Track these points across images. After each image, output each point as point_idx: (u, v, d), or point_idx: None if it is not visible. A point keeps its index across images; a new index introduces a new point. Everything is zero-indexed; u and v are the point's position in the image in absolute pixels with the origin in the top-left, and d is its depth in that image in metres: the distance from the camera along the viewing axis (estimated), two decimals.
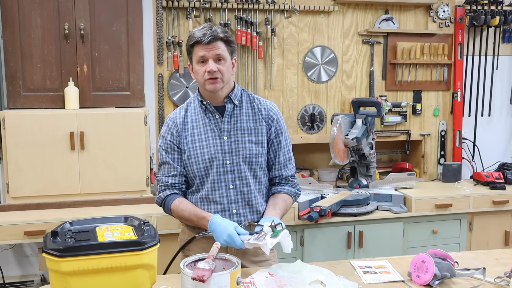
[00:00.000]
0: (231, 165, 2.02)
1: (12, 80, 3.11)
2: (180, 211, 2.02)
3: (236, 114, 2.05)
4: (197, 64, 1.97)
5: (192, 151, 2.03)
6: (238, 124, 2.04)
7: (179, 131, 2.06)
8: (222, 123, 2.03)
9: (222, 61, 1.96)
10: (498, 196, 3.55)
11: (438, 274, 1.78)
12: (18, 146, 3.04)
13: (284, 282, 1.65)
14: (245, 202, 2.04)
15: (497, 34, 4.12)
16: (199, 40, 1.93)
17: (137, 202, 3.14)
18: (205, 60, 1.94)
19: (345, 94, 3.94)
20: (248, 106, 2.08)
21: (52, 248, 1.54)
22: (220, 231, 1.83)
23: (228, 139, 2.02)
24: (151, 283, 1.67)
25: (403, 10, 3.97)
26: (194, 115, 2.07)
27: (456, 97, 4.05)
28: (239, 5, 3.60)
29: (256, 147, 2.04)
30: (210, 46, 1.93)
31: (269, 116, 2.08)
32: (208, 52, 1.93)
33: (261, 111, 2.08)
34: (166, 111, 3.63)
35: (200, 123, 2.04)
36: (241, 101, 2.07)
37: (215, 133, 2.03)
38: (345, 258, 2.86)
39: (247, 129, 2.04)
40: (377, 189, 3.52)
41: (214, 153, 2.01)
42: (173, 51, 3.56)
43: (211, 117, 2.04)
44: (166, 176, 2.08)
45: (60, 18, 3.12)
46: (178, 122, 2.07)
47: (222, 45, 1.95)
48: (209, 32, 1.92)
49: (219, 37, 1.94)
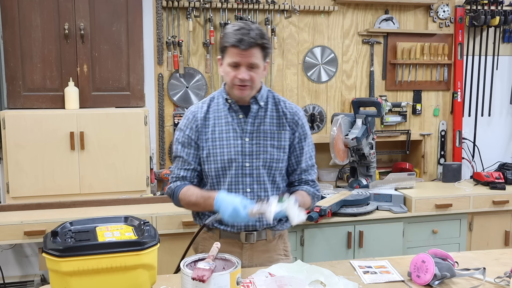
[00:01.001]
0: (250, 168, 1.96)
1: (12, 80, 3.11)
2: (187, 197, 1.96)
3: (260, 116, 1.98)
4: (229, 66, 1.89)
5: (211, 150, 1.96)
6: (262, 127, 1.98)
7: (199, 126, 1.98)
8: (245, 123, 1.97)
9: (255, 69, 1.88)
10: (498, 196, 3.55)
11: (438, 274, 1.78)
12: (18, 146, 3.04)
13: (284, 282, 1.65)
14: None
15: (497, 34, 4.12)
16: (235, 45, 1.84)
17: (137, 202, 3.14)
18: (238, 65, 1.87)
19: (345, 94, 3.94)
20: (273, 108, 2.01)
21: (52, 248, 1.54)
22: (225, 206, 1.78)
23: (250, 141, 1.96)
24: (151, 283, 1.67)
25: (403, 10, 3.97)
26: (216, 112, 1.99)
27: (456, 97, 4.05)
28: (239, 5, 3.60)
29: (277, 152, 1.98)
30: (245, 53, 1.85)
31: (293, 120, 2.01)
32: (242, 59, 1.85)
33: (285, 115, 2.01)
34: (166, 111, 3.63)
35: (223, 121, 1.98)
36: (267, 102, 2.01)
37: (237, 133, 1.97)
38: (345, 258, 2.86)
39: (270, 133, 1.98)
40: (377, 189, 3.52)
41: (234, 154, 1.95)
42: (173, 51, 3.56)
43: (234, 116, 1.98)
44: (179, 169, 2.01)
45: (60, 18, 3.12)
46: (199, 117, 1.99)
47: (258, 52, 1.87)
48: (246, 39, 1.83)
49: (255, 44, 1.85)
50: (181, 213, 2.99)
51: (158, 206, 3.09)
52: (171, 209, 3.01)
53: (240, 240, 2.00)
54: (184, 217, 2.98)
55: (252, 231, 2.00)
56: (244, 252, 2.01)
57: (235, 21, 1.98)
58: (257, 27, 1.89)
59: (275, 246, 2.06)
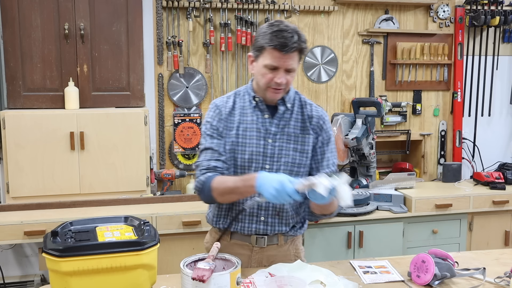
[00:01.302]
0: (270, 170, 1.89)
1: (12, 80, 3.11)
2: (223, 183, 1.82)
3: (286, 117, 1.93)
4: (265, 68, 1.82)
5: (233, 147, 1.90)
6: (286, 129, 1.92)
7: (223, 120, 1.92)
8: (270, 124, 1.91)
9: (291, 73, 1.84)
10: (498, 196, 3.55)
11: (438, 274, 1.78)
12: (18, 146, 3.04)
13: (284, 282, 1.65)
14: (276, 211, 1.93)
15: (497, 34, 4.12)
16: (278, 48, 1.78)
17: (137, 202, 3.14)
18: (276, 68, 1.81)
19: (345, 94, 3.94)
20: (298, 111, 1.95)
21: (52, 248, 1.54)
22: (270, 181, 1.66)
23: (272, 142, 1.90)
24: (151, 283, 1.67)
25: (403, 10, 3.97)
26: (242, 109, 1.93)
27: (456, 97, 4.05)
28: (239, 5, 3.60)
29: (300, 156, 1.92)
30: (286, 57, 1.79)
31: (318, 124, 1.96)
32: (282, 63, 1.80)
33: (311, 119, 1.95)
34: (166, 111, 3.63)
35: (248, 119, 1.92)
36: (293, 104, 1.95)
37: (260, 133, 1.90)
38: (345, 258, 2.87)
39: (294, 136, 1.92)
40: (377, 189, 3.52)
41: (255, 154, 1.89)
42: (173, 51, 3.56)
43: (260, 116, 1.92)
44: (209, 160, 1.89)
45: (60, 18, 3.12)
46: (224, 111, 1.93)
47: (296, 56, 1.82)
48: (289, 43, 1.76)
49: (297, 49, 1.80)
50: (181, 213, 2.99)
51: (158, 206, 3.09)
52: (171, 209, 3.02)
53: (250, 243, 1.96)
54: (184, 217, 2.99)
55: (263, 235, 1.95)
56: (253, 255, 1.98)
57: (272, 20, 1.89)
58: (296, 29, 1.82)
59: (286, 251, 2.01)
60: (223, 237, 1.99)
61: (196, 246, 2.97)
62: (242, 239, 1.97)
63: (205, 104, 3.68)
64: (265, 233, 1.95)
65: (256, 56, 1.86)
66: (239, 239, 1.97)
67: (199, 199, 1.97)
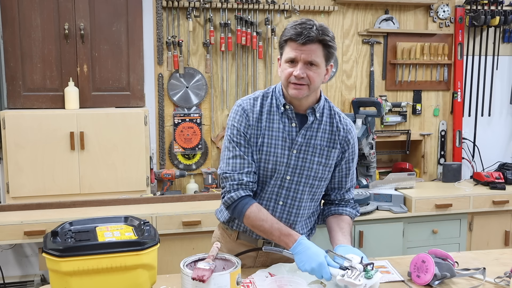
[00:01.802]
0: (290, 181, 1.82)
1: (12, 80, 3.11)
2: (259, 220, 1.76)
3: (313, 128, 1.82)
4: (286, 63, 1.74)
5: (257, 155, 1.81)
6: (312, 141, 1.82)
7: (251, 126, 1.81)
8: (297, 134, 1.81)
9: (314, 67, 1.72)
10: (498, 196, 3.55)
11: (438, 274, 1.78)
12: (18, 146, 3.04)
13: (284, 282, 1.65)
14: (289, 224, 1.86)
15: (497, 34, 4.12)
16: (293, 38, 1.69)
17: (137, 202, 3.14)
18: (295, 61, 1.72)
19: (345, 94, 3.93)
20: (327, 121, 1.85)
21: (52, 248, 1.54)
22: (309, 256, 1.64)
23: (297, 153, 1.81)
24: (151, 283, 1.67)
25: (403, 10, 3.97)
26: (270, 114, 1.82)
27: (456, 97, 4.05)
28: (239, 5, 3.60)
29: (323, 169, 1.84)
30: (304, 48, 1.69)
31: (346, 139, 1.87)
32: (299, 54, 1.69)
33: (339, 132, 1.86)
34: (166, 111, 3.63)
35: (275, 126, 1.81)
36: (322, 114, 1.84)
37: (286, 143, 1.80)
38: None
39: (320, 149, 1.83)
40: (377, 189, 3.52)
41: (279, 164, 1.80)
42: (173, 51, 3.56)
43: (287, 124, 1.81)
44: (239, 173, 1.78)
45: (60, 18, 3.12)
46: (251, 117, 1.81)
47: (318, 49, 1.70)
48: (306, 32, 1.67)
49: (316, 39, 1.68)
50: (181, 213, 2.99)
51: (158, 206, 3.09)
52: (171, 209, 3.02)
53: (257, 245, 1.93)
54: (184, 217, 2.98)
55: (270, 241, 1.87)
56: (258, 258, 1.96)
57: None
58: (321, 24, 1.73)
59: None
60: (230, 235, 1.96)
61: (196, 246, 2.97)
62: (248, 240, 1.93)
63: (205, 104, 3.68)
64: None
65: (281, 55, 1.79)
66: (245, 240, 1.94)
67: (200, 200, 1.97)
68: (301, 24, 1.70)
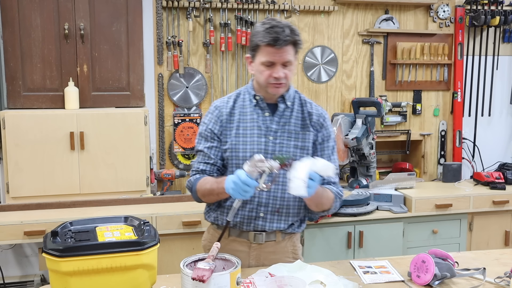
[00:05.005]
0: None
1: (12, 80, 3.11)
2: (203, 185, 1.92)
3: (286, 115, 1.97)
4: (263, 65, 1.86)
5: (234, 145, 1.94)
6: (287, 127, 1.96)
7: (223, 121, 1.97)
8: (271, 122, 1.95)
9: (289, 66, 1.87)
10: (498, 196, 3.55)
11: (438, 274, 1.78)
12: (18, 146, 3.04)
13: (284, 282, 1.65)
14: (276, 208, 1.96)
15: (497, 34, 4.12)
16: (271, 44, 1.81)
17: (137, 202, 3.14)
18: (273, 64, 1.85)
19: (345, 94, 3.94)
20: (299, 109, 1.99)
21: (52, 248, 1.54)
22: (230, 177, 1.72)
23: (273, 140, 1.94)
24: (151, 283, 1.67)
25: (403, 10, 3.97)
26: (242, 108, 1.97)
27: (456, 97, 4.05)
28: (239, 5, 3.60)
29: (300, 152, 1.95)
30: (281, 51, 1.82)
31: (318, 122, 1.99)
32: (278, 58, 1.83)
33: (311, 116, 1.99)
34: (166, 111, 3.63)
35: (248, 118, 1.96)
36: (293, 103, 1.99)
37: (261, 131, 1.94)
38: (345, 258, 2.87)
39: (294, 133, 1.96)
40: (377, 189, 3.52)
41: (257, 151, 1.91)
42: (173, 51, 3.56)
43: (260, 114, 1.96)
44: (199, 162, 1.99)
45: (60, 18, 3.12)
46: (224, 112, 1.97)
47: (291, 49, 1.85)
48: (282, 37, 1.80)
49: (290, 42, 1.83)
50: (181, 213, 2.99)
51: (158, 206, 3.09)
52: (171, 209, 3.02)
53: (248, 239, 1.99)
54: (184, 217, 2.98)
55: (262, 231, 1.98)
56: (251, 251, 2.00)
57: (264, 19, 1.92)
58: (288, 24, 1.86)
59: (283, 248, 2.03)
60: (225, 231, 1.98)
61: (196, 246, 2.97)
62: (240, 235, 1.99)
63: (205, 104, 3.68)
64: (264, 230, 1.98)
65: (252, 56, 1.91)
66: (237, 235, 2.00)
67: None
68: (273, 28, 1.82)
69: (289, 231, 2.02)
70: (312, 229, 3.17)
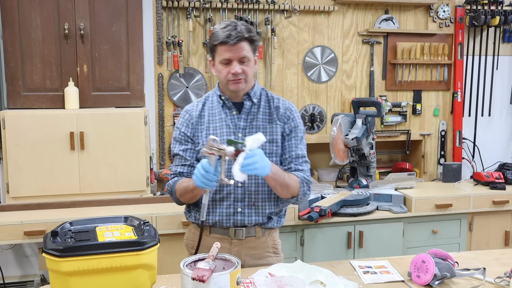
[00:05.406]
0: None
1: (12, 80, 3.11)
2: (180, 184, 1.99)
3: (253, 112, 2.04)
4: (221, 64, 1.94)
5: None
6: (254, 122, 2.02)
7: (194, 124, 2.05)
8: (238, 119, 2.02)
9: (246, 62, 1.93)
10: (498, 196, 3.55)
11: (438, 274, 1.78)
12: (18, 146, 3.04)
13: (284, 282, 1.65)
14: (251, 202, 2.02)
15: (497, 34, 4.12)
16: (224, 41, 1.89)
17: (137, 202, 3.14)
18: (229, 61, 1.92)
19: (345, 94, 3.93)
20: (266, 105, 2.06)
21: (52, 248, 1.54)
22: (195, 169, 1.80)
23: (242, 136, 2.00)
24: (151, 283, 1.67)
25: (403, 10, 3.97)
26: (211, 109, 2.05)
27: (456, 97, 4.05)
28: (239, 5, 3.60)
29: (269, 145, 2.01)
30: (235, 48, 1.89)
31: (285, 114, 2.06)
32: (232, 54, 1.90)
33: (278, 109, 2.05)
34: (166, 111, 3.63)
35: (217, 118, 2.03)
36: (260, 99, 2.06)
37: (230, 129, 2.01)
38: (345, 258, 2.87)
39: (262, 128, 2.02)
40: (377, 189, 3.52)
41: None
42: (173, 51, 3.56)
43: (228, 113, 2.03)
44: (176, 165, 2.07)
45: (60, 18, 3.12)
46: (194, 115, 2.06)
47: (247, 46, 1.92)
48: (234, 33, 1.88)
49: (244, 38, 1.90)
50: (181, 213, 2.99)
51: (158, 206, 3.09)
52: (171, 209, 3.01)
53: (229, 236, 2.04)
54: (184, 217, 2.97)
55: (241, 227, 2.03)
56: (232, 248, 2.04)
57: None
58: (243, 23, 1.95)
59: (264, 243, 2.08)
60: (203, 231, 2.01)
61: None
62: (221, 232, 2.05)
63: None
64: (243, 225, 2.03)
65: (213, 57, 1.98)
66: (218, 232, 2.05)
67: None
68: (227, 27, 1.91)
69: (268, 226, 2.07)
70: (312, 229, 3.17)
